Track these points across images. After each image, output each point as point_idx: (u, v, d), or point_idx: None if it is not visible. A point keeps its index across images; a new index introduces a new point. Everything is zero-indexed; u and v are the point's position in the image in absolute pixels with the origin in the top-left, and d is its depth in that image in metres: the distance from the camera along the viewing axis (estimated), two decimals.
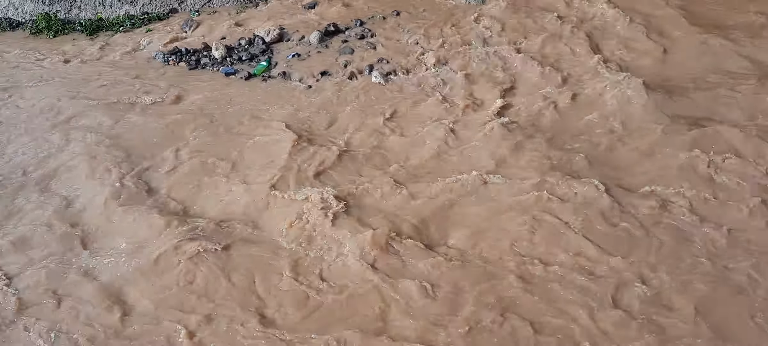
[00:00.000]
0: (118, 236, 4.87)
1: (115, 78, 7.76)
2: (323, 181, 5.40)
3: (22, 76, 7.96)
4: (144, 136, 6.35)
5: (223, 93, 7.25)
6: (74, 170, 5.79)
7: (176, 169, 5.75)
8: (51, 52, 8.73)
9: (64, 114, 6.86)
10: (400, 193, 5.11)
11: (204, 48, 8.43)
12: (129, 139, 6.29)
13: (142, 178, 5.65)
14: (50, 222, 5.07)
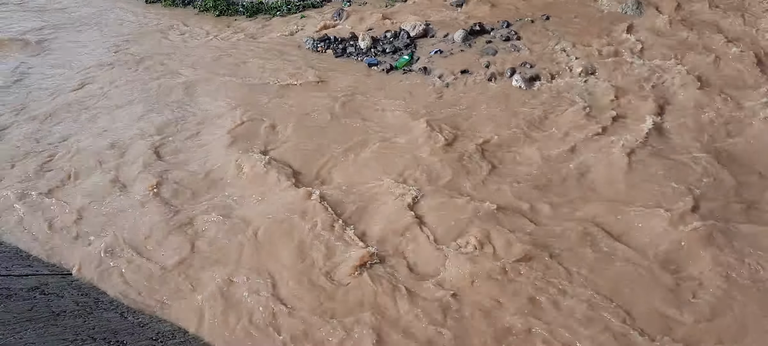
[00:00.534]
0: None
1: (266, 59, 8.26)
2: (450, 182, 5.38)
3: (184, 50, 8.72)
4: (284, 114, 6.70)
5: (363, 82, 7.45)
6: (217, 141, 6.27)
7: (303, 147, 6.01)
8: (214, 28, 9.48)
9: (213, 85, 7.44)
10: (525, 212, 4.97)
11: (351, 37, 8.71)
12: (270, 116, 6.66)
13: (276, 154, 5.97)
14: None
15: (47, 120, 6.95)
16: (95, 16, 10.27)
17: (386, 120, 6.47)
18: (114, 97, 7.41)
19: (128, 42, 9.15)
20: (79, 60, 8.53)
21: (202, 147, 6.23)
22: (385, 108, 6.71)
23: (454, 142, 5.91)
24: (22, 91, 7.65)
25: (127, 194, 5.56)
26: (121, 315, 4.31)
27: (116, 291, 4.53)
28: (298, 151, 6.00)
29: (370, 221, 4.98)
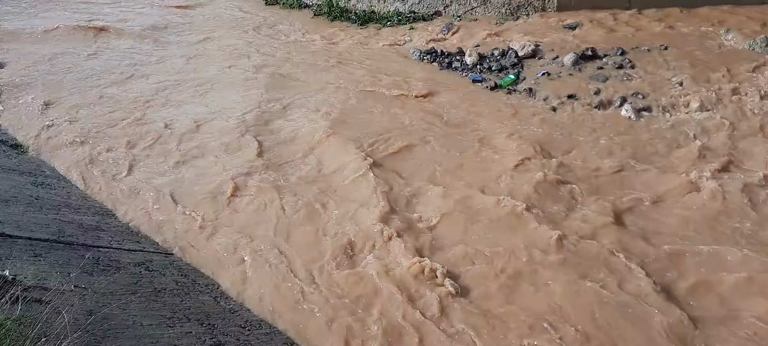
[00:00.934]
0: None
1: (373, 66, 8.47)
2: (541, 205, 5.28)
3: (299, 50, 9.12)
4: (386, 122, 6.84)
5: (467, 97, 7.47)
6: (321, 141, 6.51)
7: (404, 156, 6.10)
8: (326, 32, 9.85)
9: (320, 85, 7.72)
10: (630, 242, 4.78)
11: (458, 52, 8.76)
12: (372, 124, 6.82)
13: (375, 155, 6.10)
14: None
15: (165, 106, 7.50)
16: (218, 15, 10.93)
17: (487, 138, 6.45)
18: (228, 90, 7.86)
19: (249, 43, 9.68)
20: (203, 52, 9.15)
21: (306, 150, 6.47)
22: (486, 126, 6.70)
23: (554, 167, 5.80)
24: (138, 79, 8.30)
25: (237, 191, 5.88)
26: (215, 299, 4.55)
27: (211, 272, 4.79)
28: (400, 162, 6.09)
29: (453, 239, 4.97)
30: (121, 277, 4.34)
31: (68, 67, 8.74)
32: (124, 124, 7.17)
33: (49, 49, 9.36)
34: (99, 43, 9.57)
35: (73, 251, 4.44)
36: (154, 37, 9.84)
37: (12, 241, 4.18)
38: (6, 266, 3.56)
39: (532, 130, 6.56)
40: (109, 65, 8.78)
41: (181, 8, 11.19)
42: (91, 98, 7.82)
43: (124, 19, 10.53)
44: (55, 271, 3.89)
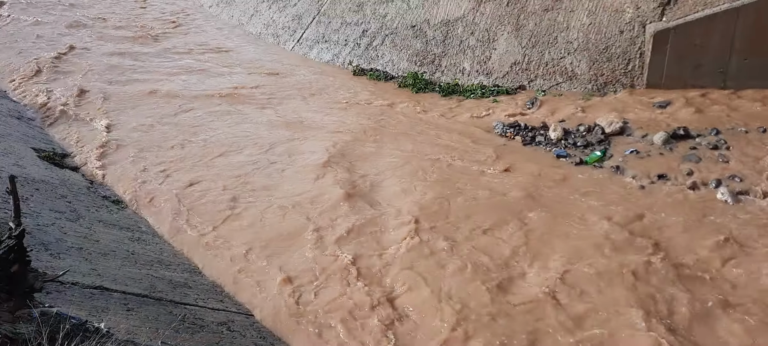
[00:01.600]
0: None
1: (455, 137, 8.54)
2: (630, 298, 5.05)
3: (387, 119, 9.36)
4: (467, 198, 6.83)
5: (551, 173, 7.36)
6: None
7: (490, 236, 6.03)
8: (411, 103, 10.06)
9: (398, 155, 7.84)
10: None
11: (542, 127, 8.69)
12: (454, 199, 6.83)
13: (449, 238, 6.07)
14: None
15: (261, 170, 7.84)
16: (307, 84, 11.43)
17: (571, 216, 6.30)
18: (315, 156, 8.14)
19: (336, 111, 10.05)
20: (292, 113, 9.58)
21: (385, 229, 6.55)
22: (571, 203, 6.55)
23: (642, 251, 5.56)
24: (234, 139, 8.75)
25: (320, 248, 6.02)
26: None
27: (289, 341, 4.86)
28: (483, 240, 6.05)
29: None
30: (205, 336, 4.48)
31: (169, 129, 9.35)
32: (214, 187, 7.54)
33: (151, 111, 10.08)
34: (197, 108, 10.20)
35: (162, 307, 4.64)
36: (250, 102, 10.39)
37: (108, 294, 4.44)
38: (102, 318, 3.77)
39: (621, 209, 6.35)
40: (204, 130, 9.32)
41: (273, 75, 11.80)
42: (187, 162, 8.29)
43: (217, 84, 11.22)
44: (145, 326, 4.08)
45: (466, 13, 11.05)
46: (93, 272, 4.81)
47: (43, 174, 7.22)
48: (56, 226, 5.54)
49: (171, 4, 17.52)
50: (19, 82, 11.53)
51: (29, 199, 5.93)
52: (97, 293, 4.40)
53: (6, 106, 10.05)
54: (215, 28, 15.22)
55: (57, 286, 4.10)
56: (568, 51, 9.70)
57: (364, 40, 12.20)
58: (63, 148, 8.82)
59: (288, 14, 14.14)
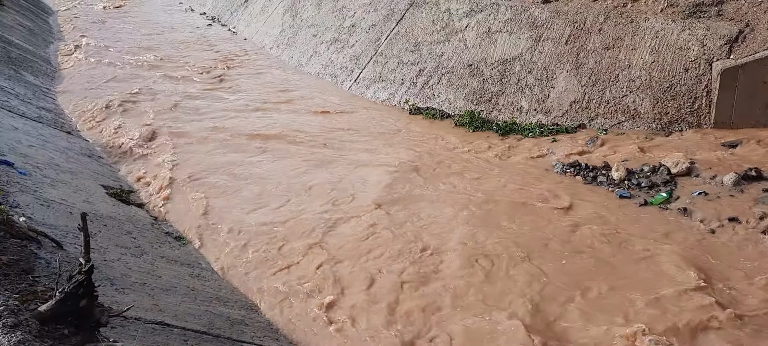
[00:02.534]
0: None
1: (514, 176, 8.41)
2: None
3: (444, 158, 9.33)
4: (527, 238, 6.68)
5: (613, 214, 7.14)
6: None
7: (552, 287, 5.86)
8: (467, 142, 10.00)
9: (457, 195, 7.75)
10: None
11: (603, 166, 8.47)
12: (510, 238, 6.69)
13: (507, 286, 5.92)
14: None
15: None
16: (363, 124, 11.55)
17: (634, 259, 6.06)
18: (370, 196, 8.17)
19: (393, 147, 10.10)
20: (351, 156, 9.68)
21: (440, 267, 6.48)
22: (636, 245, 6.31)
23: (718, 303, 5.28)
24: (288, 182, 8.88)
25: (370, 295, 5.99)
26: None
27: None
28: (548, 290, 5.89)
29: None
30: None
31: (229, 168, 9.59)
32: (272, 227, 7.64)
33: (213, 150, 10.38)
34: (256, 146, 10.45)
35: (219, 344, 4.69)
36: (308, 141, 10.57)
37: (169, 329, 4.51)
38: None
39: (689, 252, 6.06)
40: (263, 168, 9.52)
41: (325, 113, 11.99)
42: (246, 200, 8.46)
43: (276, 123, 11.47)
44: None
45: (523, 52, 10.99)
46: (155, 308, 4.92)
47: (110, 210, 7.49)
48: (121, 261, 5.71)
49: (235, 46, 18.17)
50: (91, 122, 12.12)
51: (97, 235, 6.15)
52: (158, 328, 4.49)
53: (78, 145, 10.55)
54: (275, 68, 15.65)
55: (121, 321, 4.20)
56: (631, 89, 9.48)
57: (421, 79, 12.27)
58: (129, 185, 9.15)
59: (346, 55, 14.42)
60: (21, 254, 4.57)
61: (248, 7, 20.93)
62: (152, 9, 25.24)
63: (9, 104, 11.20)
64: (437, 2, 13.25)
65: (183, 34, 20.06)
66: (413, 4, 13.80)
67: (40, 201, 6.65)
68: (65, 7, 27.27)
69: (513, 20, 11.57)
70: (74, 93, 14.17)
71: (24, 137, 9.38)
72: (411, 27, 13.39)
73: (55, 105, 13.08)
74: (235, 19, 21.16)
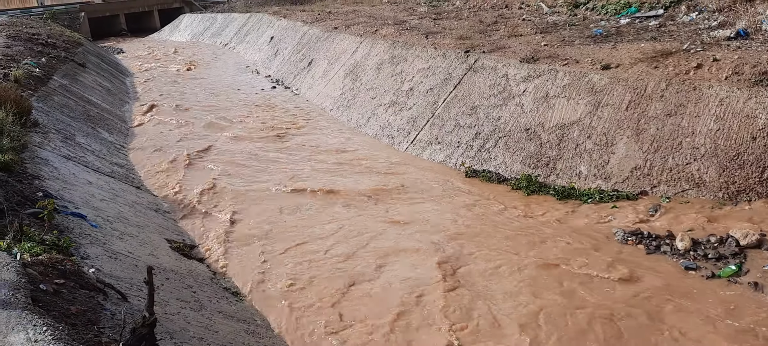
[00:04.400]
0: None
1: (573, 243, 8.23)
2: None
3: (501, 222, 9.25)
4: (587, 309, 6.48)
5: (678, 286, 6.86)
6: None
7: None
8: (524, 207, 9.89)
9: (515, 260, 7.62)
10: None
11: (667, 236, 8.18)
12: (577, 322, 6.51)
13: None
14: None
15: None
16: (421, 183, 11.62)
17: (702, 333, 5.78)
18: (429, 262, 8.15)
19: (450, 210, 10.10)
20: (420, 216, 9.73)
21: None
22: (703, 322, 6.02)
23: None
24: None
25: None
26: None
27: None
28: None
29: None
30: None
31: (287, 226, 9.80)
32: (326, 288, 7.71)
33: (273, 207, 10.64)
34: (314, 205, 10.65)
35: None
36: (365, 201, 10.71)
37: None
38: None
39: (761, 329, 5.74)
40: (319, 227, 9.67)
41: (387, 175, 12.13)
42: (302, 259, 8.59)
43: (334, 183, 11.68)
44: None
45: (582, 117, 10.91)
46: None
47: (173, 264, 7.75)
48: (181, 315, 5.87)
49: (297, 108, 18.78)
50: (159, 178, 12.68)
51: (160, 287, 6.36)
52: None
53: (146, 199, 11.03)
54: (335, 129, 16.05)
55: None
56: (695, 157, 9.22)
57: (477, 142, 12.32)
58: (192, 240, 9.46)
59: (403, 117, 14.67)
60: (88, 305, 4.79)
61: (311, 70, 21.70)
62: (221, 72, 26.50)
63: (85, 159, 11.88)
64: (495, 67, 13.40)
65: (248, 96, 20.92)
66: (471, 69, 14.00)
67: (109, 253, 6.96)
68: (142, 69, 29.02)
69: (571, 85, 11.55)
70: (145, 149, 14.92)
71: (97, 191, 9.90)
72: (468, 91, 13.54)
73: (126, 160, 13.79)
74: (298, 81, 21.94)
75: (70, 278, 5.04)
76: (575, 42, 14.14)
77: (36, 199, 7.55)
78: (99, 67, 25.13)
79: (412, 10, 25.64)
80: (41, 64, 19.02)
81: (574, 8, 19.26)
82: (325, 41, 22.40)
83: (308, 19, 27.09)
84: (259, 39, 30.70)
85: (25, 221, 6.15)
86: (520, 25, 17.81)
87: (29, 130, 11.21)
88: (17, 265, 4.77)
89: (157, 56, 33.92)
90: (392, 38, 18.48)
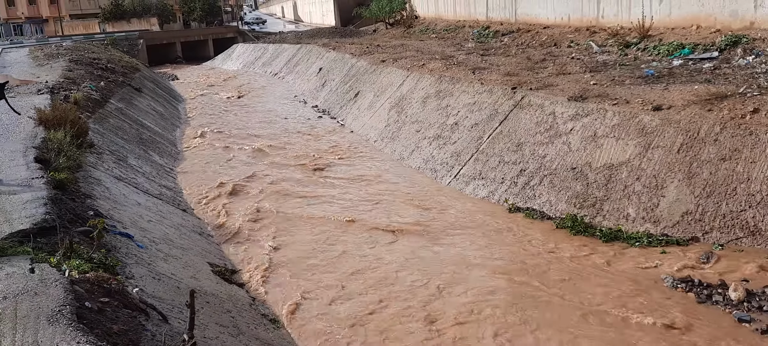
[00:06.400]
0: None
1: (620, 288, 7.97)
2: None
3: (545, 263, 9.05)
4: None
5: (732, 338, 6.54)
6: None
7: None
8: (568, 247, 9.66)
9: (560, 302, 7.40)
10: None
11: (719, 285, 7.84)
12: None
13: None
14: None
15: None
16: (464, 218, 11.51)
17: None
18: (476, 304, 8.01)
19: (493, 247, 9.95)
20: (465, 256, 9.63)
21: None
22: None
23: None
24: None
25: None
26: None
27: None
28: None
29: None
30: None
31: (328, 255, 9.82)
32: (367, 322, 7.65)
33: (313, 236, 10.69)
34: (354, 235, 10.65)
35: None
36: (407, 234, 10.66)
37: None
38: None
39: None
40: (360, 259, 9.65)
41: (429, 209, 12.07)
42: (341, 289, 8.57)
43: (376, 215, 11.68)
44: None
45: (631, 158, 10.65)
46: None
47: (214, 288, 7.84)
48: (219, 339, 5.91)
49: (341, 138, 18.97)
50: (204, 202, 12.94)
51: (200, 311, 6.42)
52: None
53: (191, 222, 11.25)
54: (378, 160, 16.11)
55: None
56: (750, 204, 8.86)
57: (522, 179, 12.15)
58: (233, 265, 9.57)
59: (447, 151, 14.63)
60: (130, 325, 4.86)
61: (357, 102, 21.95)
62: (269, 101, 27.09)
63: (136, 181, 12.23)
64: (542, 105, 13.28)
65: (295, 125, 21.27)
66: (517, 106, 13.90)
67: (153, 274, 7.09)
68: (194, 95, 29.92)
69: (620, 126, 11.32)
70: (192, 173, 15.28)
71: (145, 212, 10.16)
72: (514, 128, 13.43)
73: (174, 183, 14.13)
74: (344, 112, 22.21)
75: (115, 297, 5.14)
76: (625, 82, 13.90)
77: (87, 217, 7.78)
78: (154, 92, 26.02)
79: (460, 46, 25.77)
80: (100, 88, 19.83)
81: (625, 48, 19.01)
82: (372, 74, 22.67)
83: (356, 51, 27.51)
84: (307, 70, 31.31)
85: (75, 239, 6.33)
86: (569, 63, 17.66)
87: (85, 151, 11.63)
88: (65, 282, 4.90)
89: (210, 83, 34.96)
90: (439, 73, 18.56)
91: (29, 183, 8.35)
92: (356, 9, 52.68)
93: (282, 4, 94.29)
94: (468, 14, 33.70)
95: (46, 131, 11.28)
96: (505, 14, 29.57)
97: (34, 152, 10.04)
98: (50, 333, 4.05)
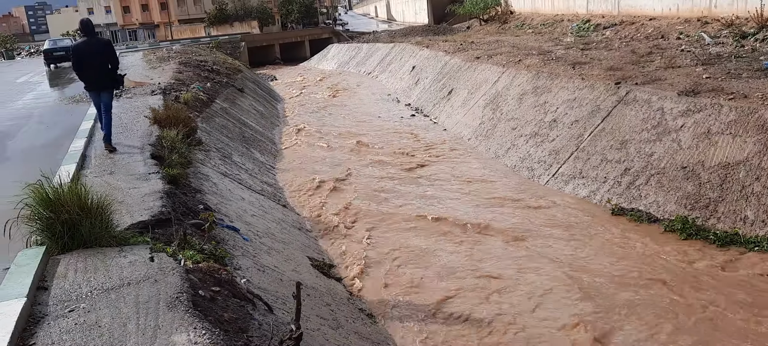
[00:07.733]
0: None
1: (738, 296, 7.43)
2: None
3: (658, 270, 8.59)
4: None
5: None
6: None
7: None
8: (677, 251, 9.11)
9: (669, 316, 6.99)
10: None
11: None
12: None
13: None
14: None
15: None
16: (565, 219, 11.14)
17: None
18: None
19: (600, 252, 9.58)
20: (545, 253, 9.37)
21: None
22: None
23: None
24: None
25: None
26: None
27: None
28: None
29: None
30: None
31: (422, 253, 9.82)
32: (461, 324, 7.58)
33: (409, 233, 10.72)
34: (451, 234, 10.58)
35: None
36: (504, 234, 10.47)
37: None
38: None
39: None
40: (454, 258, 9.57)
41: (527, 208, 11.77)
42: (438, 289, 8.54)
43: (472, 213, 11.54)
44: None
45: (749, 157, 9.88)
46: None
47: (313, 282, 8.05)
48: (320, 332, 6.05)
49: (434, 136, 18.93)
50: (303, 197, 13.32)
51: (302, 303, 6.62)
52: None
53: (291, 218, 11.62)
54: (473, 158, 15.93)
55: None
56: None
57: (626, 179, 11.59)
58: (331, 259, 9.78)
59: (545, 149, 14.22)
60: (239, 313, 5.08)
61: (451, 100, 21.81)
62: (363, 99, 27.50)
63: (240, 177, 12.79)
64: (649, 100, 12.60)
65: (389, 123, 21.45)
66: (621, 102, 13.28)
67: (257, 266, 7.38)
68: (292, 95, 30.93)
69: (737, 122, 10.53)
70: (291, 170, 15.78)
71: (249, 207, 10.60)
72: (617, 124, 12.84)
73: (275, 180, 14.66)
74: (437, 110, 22.14)
75: (224, 287, 5.39)
76: (742, 75, 12.93)
77: (197, 211, 8.22)
78: (255, 93, 27.13)
79: (558, 41, 25.00)
80: (206, 89, 20.91)
81: (741, 39, 17.69)
82: (466, 71, 22.45)
83: (450, 49, 27.35)
84: (400, 68, 31.50)
85: (188, 231, 6.69)
86: (678, 56, 16.67)
87: (194, 148, 12.31)
88: (181, 270, 5.19)
89: (306, 83, 36.00)
90: (536, 69, 18.09)
91: (147, 177, 8.93)
92: (449, 6, 52.46)
93: (375, 4, 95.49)
94: (566, 8, 32.62)
95: (160, 130, 12.03)
96: (606, 6, 28.36)
97: (149, 149, 10.73)
98: (170, 318, 4.31)
